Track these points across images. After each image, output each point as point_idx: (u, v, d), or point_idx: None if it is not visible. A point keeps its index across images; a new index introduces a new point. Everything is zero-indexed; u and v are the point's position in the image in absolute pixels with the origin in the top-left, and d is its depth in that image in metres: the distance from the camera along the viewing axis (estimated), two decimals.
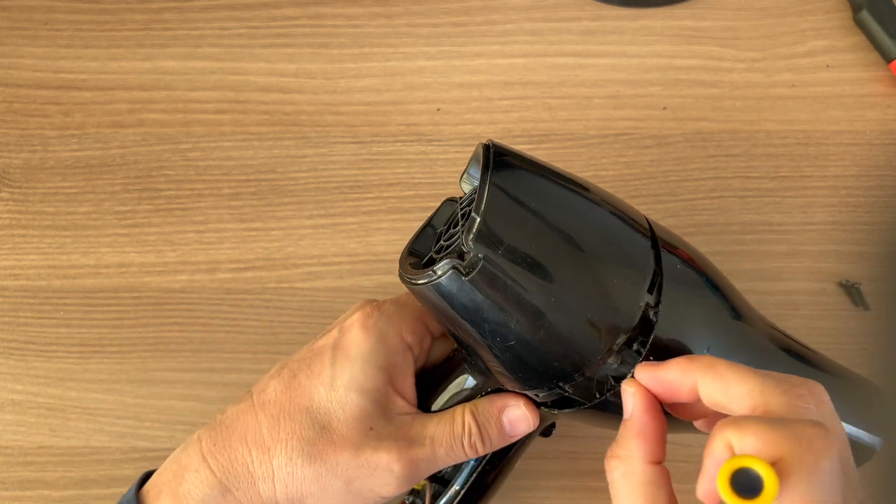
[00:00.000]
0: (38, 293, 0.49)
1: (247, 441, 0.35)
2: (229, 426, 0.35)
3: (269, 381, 0.36)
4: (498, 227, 0.31)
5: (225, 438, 0.35)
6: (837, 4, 0.48)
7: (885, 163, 0.47)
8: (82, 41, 0.50)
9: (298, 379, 0.35)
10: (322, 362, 0.35)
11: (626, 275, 0.32)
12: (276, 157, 0.49)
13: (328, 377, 0.35)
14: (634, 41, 0.49)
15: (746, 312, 0.36)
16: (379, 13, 0.49)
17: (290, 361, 0.37)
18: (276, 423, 0.34)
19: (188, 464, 0.35)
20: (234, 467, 0.34)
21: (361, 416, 0.34)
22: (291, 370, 0.36)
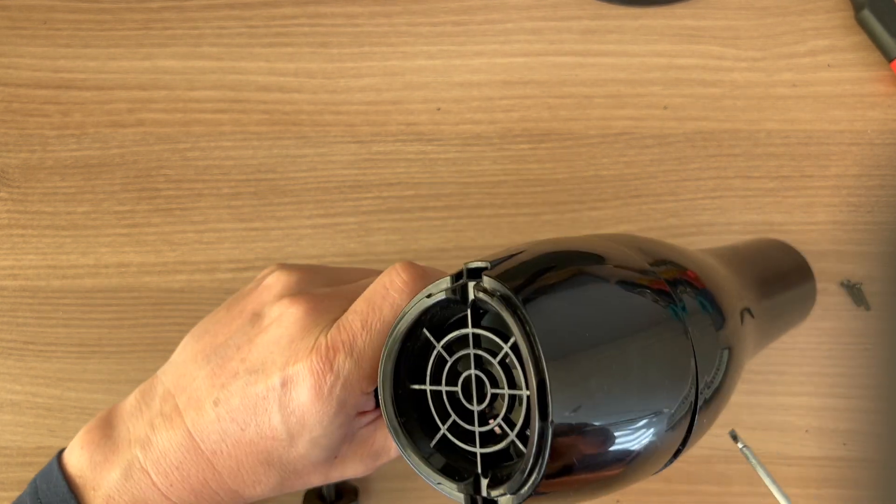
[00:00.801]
0: (36, 293, 0.48)
1: (210, 486, 0.33)
2: (180, 467, 0.33)
3: (202, 414, 0.32)
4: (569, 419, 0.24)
5: (182, 481, 0.33)
6: (839, 3, 0.48)
7: (886, 162, 0.47)
8: (81, 41, 0.50)
9: (247, 434, 0.32)
10: (270, 420, 0.32)
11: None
12: (275, 157, 0.49)
13: (284, 439, 0.32)
14: (635, 40, 0.48)
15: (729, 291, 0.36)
16: (378, 12, 0.49)
17: (214, 378, 0.33)
18: (237, 474, 0.33)
19: (147, 499, 0.33)
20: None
21: (327, 457, 0.33)
22: (230, 411, 0.32)
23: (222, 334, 0.34)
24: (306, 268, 0.36)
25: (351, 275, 0.37)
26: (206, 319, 0.36)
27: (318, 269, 0.36)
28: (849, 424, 0.45)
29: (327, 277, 0.36)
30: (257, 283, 0.36)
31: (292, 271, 0.35)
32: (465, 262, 0.27)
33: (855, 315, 0.46)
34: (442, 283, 0.27)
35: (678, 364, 0.29)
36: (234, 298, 0.36)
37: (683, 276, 0.33)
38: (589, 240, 0.31)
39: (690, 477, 0.45)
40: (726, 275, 0.37)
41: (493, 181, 0.48)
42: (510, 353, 0.25)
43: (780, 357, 0.46)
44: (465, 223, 0.48)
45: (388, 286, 0.32)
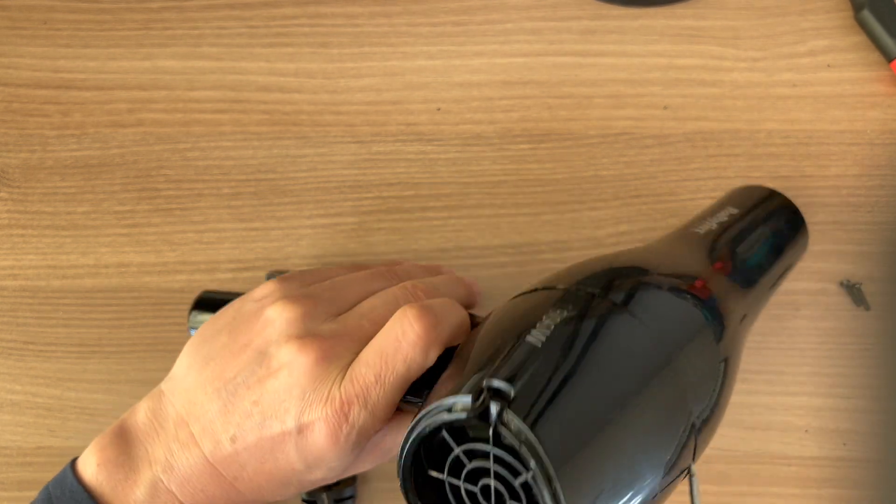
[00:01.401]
0: (36, 293, 0.48)
1: (234, 502, 0.35)
2: (204, 490, 0.34)
3: (219, 447, 0.34)
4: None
5: (207, 501, 0.34)
6: (838, 4, 0.48)
7: (886, 162, 0.47)
8: (81, 41, 0.50)
9: (266, 466, 0.34)
10: (288, 457, 0.33)
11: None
12: (275, 157, 0.49)
13: (303, 470, 0.34)
14: (635, 40, 0.48)
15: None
16: (378, 12, 0.49)
17: (228, 416, 0.34)
18: (259, 492, 0.35)
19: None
20: None
21: (342, 473, 0.35)
22: (247, 448, 0.33)
23: (230, 368, 0.34)
24: (306, 295, 0.36)
25: (351, 288, 0.37)
26: (208, 339, 0.36)
27: (317, 296, 0.36)
28: (849, 424, 0.45)
29: (328, 300, 0.36)
30: (258, 307, 0.36)
31: (295, 304, 0.35)
32: (484, 380, 0.28)
33: (855, 315, 0.46)
34: (461, 401, 0.28)
35: (675, 419, 0.31)
36: (236, 321, 0.36)
37: (692, 287, 0.34)
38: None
39: None
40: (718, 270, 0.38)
41: (493, 181, 0.48)
42: (529, 480, 0.27)
43: (779, 357, 0.46)
44: (465, 223, 0.48)
45: (400, 338, 0.33)
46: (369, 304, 0.36)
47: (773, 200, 0.44)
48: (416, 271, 0.42)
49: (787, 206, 0.44)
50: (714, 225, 0.41)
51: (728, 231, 0.41)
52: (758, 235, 0.42)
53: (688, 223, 0.42)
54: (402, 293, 0.37)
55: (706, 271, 0.38)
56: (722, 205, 0.43)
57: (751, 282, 0.40)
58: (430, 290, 0.37)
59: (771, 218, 0.44)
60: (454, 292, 0.39)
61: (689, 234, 0.41)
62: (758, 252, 0.42)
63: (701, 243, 0.40)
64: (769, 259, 0.42)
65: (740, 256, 0.40)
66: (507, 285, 0.47)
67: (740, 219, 0.42)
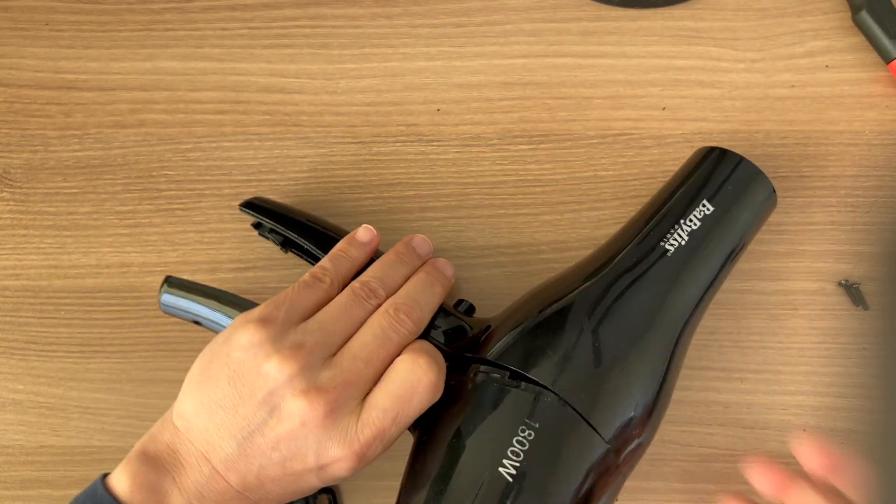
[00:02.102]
0: (39, 293, 0.49)
1: None
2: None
3: (244, 480, 0.37)
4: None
5: None
6: (836, 5, 0.48)
7: (884, 163, 0.47)
8: (83, 42, 0.50)
9: (288, 491, 0.38)
10: (309, 483, 0.37)
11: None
12: (276, 158, 0.49)
13: (321, 485, 0.38)
14: (634, 42, 0.49)
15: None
16: (379, 14, 0.50)
17: (248, 457, 0.36)
18: (280, 500, 0.38)
19: None
20: None
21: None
22: (271, 480, 0.37)
23: (239, 417, 0.36)
24: (297, 346, 0.37)
25: (337, 325, 0.38)
26: (207, 385, 0.37)
27: (307, 343, 0.37)
28: (846, 424, 0.46)
29: (319, 345, 0.37)
30: (251, 358, 0.37)
31: (290, 360, 0.36)
32: None
33: (853, 315, 0.46)
34: None
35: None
36: (233, 372, 0.37)
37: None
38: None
39: (689, 476, 0.46)
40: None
41: (493, 182, 0.48)
42: None
43: (777, 356, 0.46)
44: (465, 223, 0.48)
45: (415, 384, 0.37)
46: (360, 341, 0.38)
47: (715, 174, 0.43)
48: (391, 270, 0.41)
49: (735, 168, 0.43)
50: (684, 237, 0.41)
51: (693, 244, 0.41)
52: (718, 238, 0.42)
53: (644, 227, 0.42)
54: (388, 322, 0.38)
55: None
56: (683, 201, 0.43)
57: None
58: (412, 308, 0.39)
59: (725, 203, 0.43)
60: (432, 299, 0.41)
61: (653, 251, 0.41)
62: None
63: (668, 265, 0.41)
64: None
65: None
66: (506, 285, 0.47)
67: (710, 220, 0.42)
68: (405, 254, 0.42)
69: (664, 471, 0.46)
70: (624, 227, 0.43)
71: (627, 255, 0.41)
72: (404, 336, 0.39)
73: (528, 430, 0.36)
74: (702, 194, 0.42)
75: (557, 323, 0.39)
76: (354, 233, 0.43)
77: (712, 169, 0.43)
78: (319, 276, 0.40)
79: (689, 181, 0.43)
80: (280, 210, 0.45)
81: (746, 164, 0.43)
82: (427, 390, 0.37)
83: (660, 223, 0.42)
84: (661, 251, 0.41)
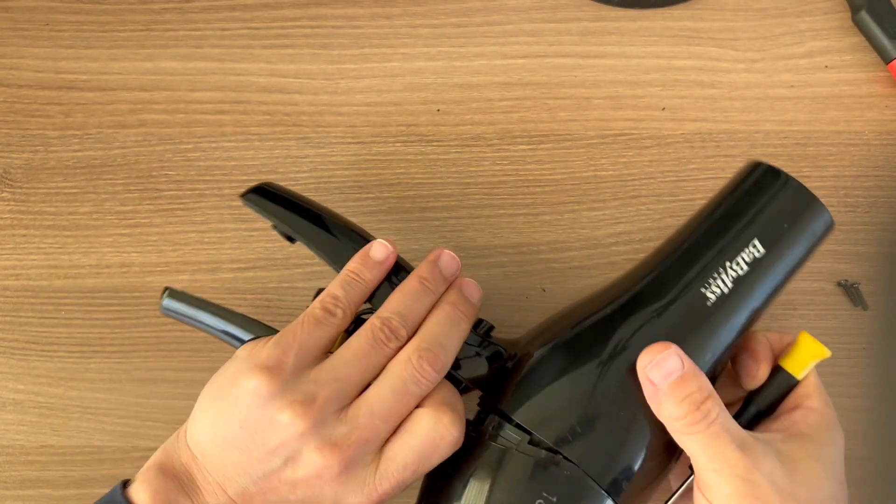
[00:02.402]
0: (39, 293, 0.49)
1: None
2: None
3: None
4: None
5: None
6: (836, 5, 0.48)
7: (883, 163, 0.47)
8: (84, 42, 0.50)
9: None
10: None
11: None
12: (276, 158, 0.49)
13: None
14: (633, 42, 0.49)
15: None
16: (379, 14, 0.50)
17: (266, 494, 0.36)
18: None
19: None
20: None
21: None
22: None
23: (254, 461, 0.36)
24: (310, 399, 0.35)
25: (352, 373, 0.37)
26: (220, 421, 0.36)
27: (321, 395, 0.36)
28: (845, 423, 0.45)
29: (334, 397, 0.36)
30: (262, 407, 0.35)
31: (304, 415, 0.35)
32: None
33: (852, 315, 0.47)
34: None
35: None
36: (244, 418, 0.36)
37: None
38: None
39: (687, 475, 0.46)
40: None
41: (493, 181, 0.48)
42: None
43: None
44: (465, 223, 0.48)
45: (437, 442, 0.36)
46: (378, 396, 0.36)
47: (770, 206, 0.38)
48: (414, 303, 0.38)
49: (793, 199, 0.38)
50: (730, 283, 0.37)
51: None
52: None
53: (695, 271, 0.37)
54: (409, 374, 0.36)
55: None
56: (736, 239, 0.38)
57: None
58: (437, 355, 0.37)
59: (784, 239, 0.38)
60: (456, 338, 0.38)
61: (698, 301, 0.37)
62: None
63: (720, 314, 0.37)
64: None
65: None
66: (506, 285, 0.47)
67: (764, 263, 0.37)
68: (430, 280, 0.39)
69: None
70: (664, 252, 0.39)
71: (660, 296, 0.37)
72: (426, 387, 0.36)
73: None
74: (752, 232, 0.37)
75: (583, 388, 0.36)
76: (368, 249, 0.39)
77: (767, 198, 0.38)
78: (331, 308, 0.37)
79: (739, 211, 0.38)
80: (284, 205, 0.40)
81: (804, 192, 0.38)
82: (449, 447, 0.36)
83: (705, 264, 0.37)
84: (702, 300, 0.36)
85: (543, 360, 0.37)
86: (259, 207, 0.40)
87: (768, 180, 0.39)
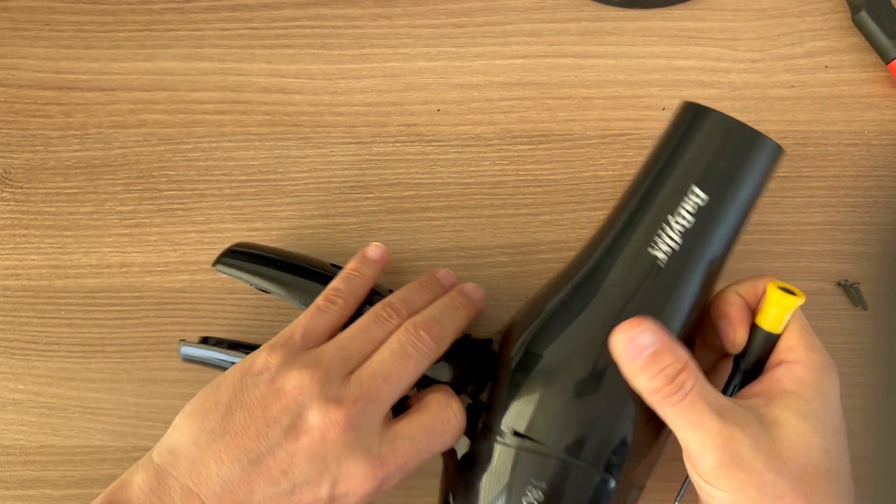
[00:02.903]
0: (39, 293, 0.49)
1: None
2: None
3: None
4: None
5: None
6: (836, 5, 0.48)
7: (883, 163, 0.48)
8: (84, 42, 0.50)
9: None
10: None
11: None
12: (276, 158, 0.49)
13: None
14: (633, 42, 0.49)
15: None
16: (379, 14, 0.50)
17: (252, 484, 0.34)
18: None
19: None
20: None
21: None
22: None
23: (249, 439, 0.34)
24: (314, 362, 0.36)
25: (355, 344, 0.38)
26: (210, 412, 0.36)
27: (324, 360, 0.36)
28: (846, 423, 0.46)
29: (338, 363, 0.36)
30: (267, 380, 0.36)
31: (307, 371, 0.35)
32: None
33: (852, 315, 0.47)
34: None
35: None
36: (245, 395, 0.36)
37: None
38: None
39: None
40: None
41: (493, 182, 0.48)
42: None
43: None
44: (465, 223, 0.48)
45: (445, 424, 0.37)
46: (378, 358, 0.37)
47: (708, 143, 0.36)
48: (414, 295, 0.41)
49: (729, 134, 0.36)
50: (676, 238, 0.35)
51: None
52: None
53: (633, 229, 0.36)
54: (407, 338, 0.38)
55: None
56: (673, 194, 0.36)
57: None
58: (432, 326, 0.38)
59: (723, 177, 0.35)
60: (454, 320, 0.40)
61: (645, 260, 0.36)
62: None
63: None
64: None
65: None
66: (506, 285, 0.47)
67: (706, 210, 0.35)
68: (429, 282, 0.42)
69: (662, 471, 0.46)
70: (603, 223, 0.39)
71: (608, 267, 0.36)
72: (424, 354, 0.38)
73: (536, 491, 0.35)
74: (688, 179, 0.35)
75: (543, 377, 0.36)
76: (365, 250, 0.43)
77: (699, 141, 0.35)
78: (332, 298, 0.40)
79: (671, 160, 0.36)
80: (254, 264, 0.42)
81: (738, 127, 0.35)
82: (453, 433, 0.37)
83: (648, 225, 0.36)
84: (651, 262, 0.35)
85: (515, 358, 0.38)
86: (235, 270, 0.42)
87: (697, 122, 0.36)
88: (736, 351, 0.38)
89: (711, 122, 0.35)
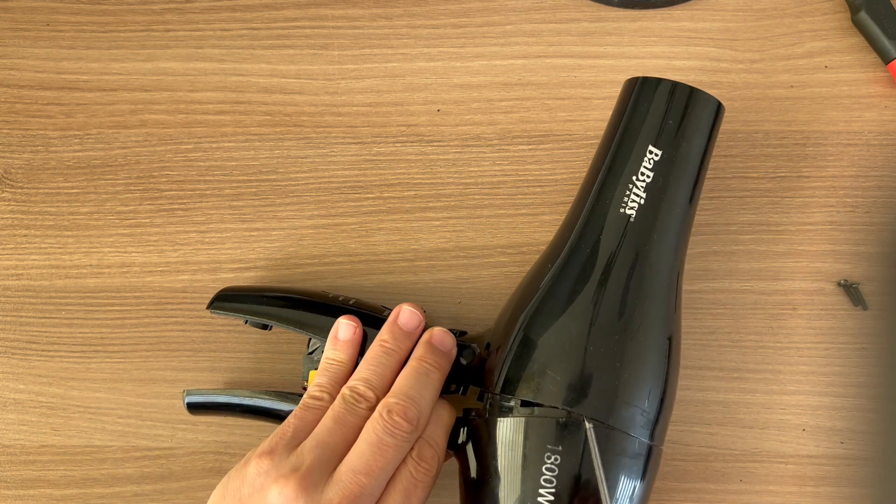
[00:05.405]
0: (40, 293, 0.49)
1: None
2: None
3: None
4: None
5: None
6: (835, 6, 0.48)
7: (883, 163, 0.48)
8: (84, 42, 0.50)
9: None
10: None
11: None
12: (277, 158, 0.49)
13: None
14: (633, 42, 0.49)
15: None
16: (379, 14, 0.50)
17: None
18: None
19: None
20: None
21: None
22: None
23: None
24: (295, 468, 0.36)
25: (333, 438, 0.38)
26: None
27: (306, 464, 0.37)
28: (846, 423, 0.46)
29: (318, 464, 0.37)
30: (258, 488, 0.36)
31: (290, 483, 0.36)
32: None
33: (852, 315, 0.47)
34: None
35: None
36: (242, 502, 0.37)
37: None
38: None
39: (687, 475, 0.46)
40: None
41: (493, 182, 0.48)
42: None
43: (776, 356, 0.46)
44: (465, 223, 0.48)
45: (416, 477, 0.38)
46: (356, 452, 0.37)
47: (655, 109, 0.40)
48: (380, 367, 0.41)
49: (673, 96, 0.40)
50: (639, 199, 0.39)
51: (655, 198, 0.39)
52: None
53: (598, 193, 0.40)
54: (382, 426, 0.38)
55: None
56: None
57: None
58: (407, 408, 0.38)
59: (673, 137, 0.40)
60: (429, 389, 0.40)
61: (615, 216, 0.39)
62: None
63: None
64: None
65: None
66: (507, 285, 0.47)
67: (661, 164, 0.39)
68: (391, 341, 0.41)
69: (663, 470, 0.46)
70: (575, 199, 0.42)
71: (591, 234, 0.39)
72: (403, 439, 0.38)
73: (553, 456, 0.36)
74: (644, 140, 0.40)
75: (543, 338, 0.38)
76: (335, 331, 0.42)
77: (645, 106, 0.40)
78: (317, 395, 0.40)
79: (627, 128, 0.41)
80: (247, 303, 0.44)
81: (677, 87, 0.40)
82: (428, 487, 0.38)
83: (611, 187, 0.40)
84: (625, 219, 0.39)
85: (516, 336, 0.39)
86: (228, 311, 0.44)
87: (646, 91, 0.41)
88: None
89: (656, 88, 0.40)
